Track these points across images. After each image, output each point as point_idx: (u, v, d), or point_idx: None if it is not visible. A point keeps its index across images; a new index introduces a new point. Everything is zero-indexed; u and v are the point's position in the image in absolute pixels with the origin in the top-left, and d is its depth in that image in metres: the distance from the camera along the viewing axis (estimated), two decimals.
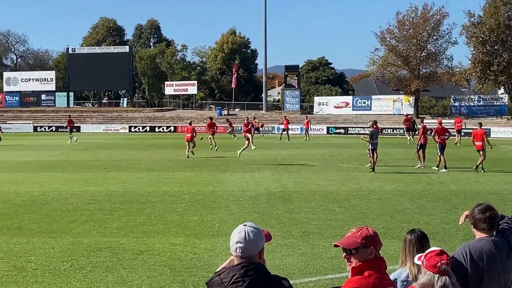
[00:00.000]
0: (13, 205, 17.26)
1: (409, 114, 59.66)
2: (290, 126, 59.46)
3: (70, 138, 51.75)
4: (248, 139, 33.97)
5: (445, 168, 26.75)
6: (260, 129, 55.77)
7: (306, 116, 65.33)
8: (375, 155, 26.42)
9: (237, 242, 3.96)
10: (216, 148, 40.01)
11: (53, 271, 10.21)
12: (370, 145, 26.46)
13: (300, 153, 37.97)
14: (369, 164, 27.09)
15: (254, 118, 57.82)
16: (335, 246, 4.31)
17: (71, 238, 12.77)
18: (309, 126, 57.90)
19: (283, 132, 56.22)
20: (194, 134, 35.06)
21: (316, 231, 13.62)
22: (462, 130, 49.01)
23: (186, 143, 34.89)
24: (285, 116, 62.46)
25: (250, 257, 3.95)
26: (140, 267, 10.50)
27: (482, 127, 28.62)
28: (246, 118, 43.65)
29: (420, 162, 28.28)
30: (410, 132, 51.83)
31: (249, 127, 36.43)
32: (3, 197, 18.92)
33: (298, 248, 11.95)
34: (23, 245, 12.09)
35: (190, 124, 36.39)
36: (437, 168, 27.15)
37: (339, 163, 30.64)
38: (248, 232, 3.96)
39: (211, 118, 47.32)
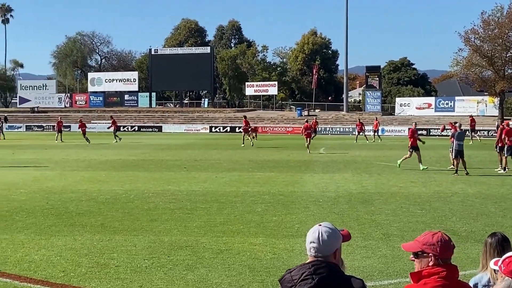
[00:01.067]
0: (97, 203, 17.64)
1: (472, 115, 58.23)
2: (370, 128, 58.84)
3: (116, 137, 52.68)
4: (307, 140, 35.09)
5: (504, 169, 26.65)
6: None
7: (376, 117, 64.46)
8: (459, 158, 25.90)
9: (311, 242, 3.95)
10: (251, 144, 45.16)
11: (134, 268, 10.37)
12: (454, 146, 26.05)
13: (380, 154, 37.53)
14: (452, 166, 26.62)
15: (314, 119, 56.88)
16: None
17: (152, 236, 12.95)
18: (378, 128, 57.38)
19: (359, 134, 55.30)
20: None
21: (396, 233, 13.43)
22: None
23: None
24: (359, 119, 61.62)
25: (324, 257, 3.92)
26: (219, 266, 10.55)
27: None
28: (306, 120, 44.17)
29: (501, 166, 27.55)
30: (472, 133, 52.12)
31: (309, 129, 37.49)
32: (87, 195, 19.36)
33: (378, 250, 11.81)
34: (106, 242, 12.34)
35: (244, 117, 38.49)
36: (501, 170, 26.74)
37: (424, 164, 30.08)
38: (322, 233, 3.94)
39: (245, 117, 50.77)
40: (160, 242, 12.34)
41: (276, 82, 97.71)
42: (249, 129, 48.56)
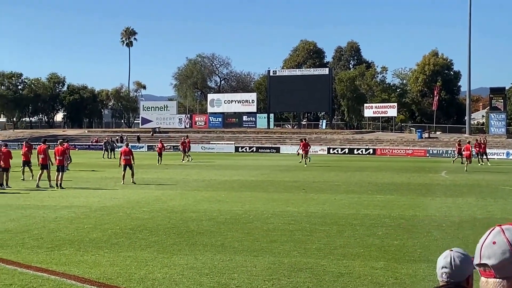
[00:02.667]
0: (217, 223, 17.79)
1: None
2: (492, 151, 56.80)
3: (187, 157, 53.47)
4: None
5: None
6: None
7: (477, 139, 61.30)
8: None
9: (442, 267, 3.82)
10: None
11: None
12: None
13: (506, 178, 36.22)
14: None
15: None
16: None
17: (272, 258, 12.90)
18: (485, 150, 54.74)
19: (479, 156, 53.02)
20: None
21: None
22: None
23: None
24: (477, 140, 58.85)
25: (457, 285, 3.78)
26: None
27: None
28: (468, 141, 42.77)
29: None
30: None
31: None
32: (207, 214, 19.58)
33: None
34: (226, 262, 12.38)
35: (126, 145, 34.49)
36: None
37: None
38: (454, 258, 3.80)
39: (305, 139, 52.97)
40: (280, 264, 12.27)
41: (395, 104, 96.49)
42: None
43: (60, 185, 28.49)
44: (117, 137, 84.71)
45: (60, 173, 28.97)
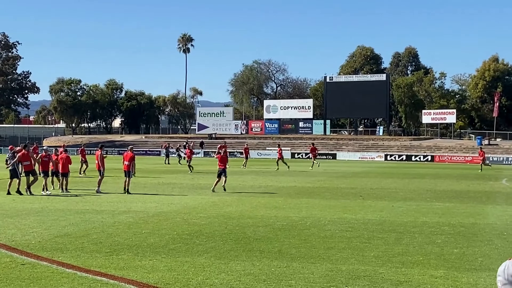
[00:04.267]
0: (273, 229, 17.75)
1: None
2: None
3: (314, 164, 53.58)
4: None
5: None
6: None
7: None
8: None
9: (498, 276, 3.83)
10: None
11: None
12: None
13: None
14: None
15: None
16: None
17: (329, 265, 12.80)
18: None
19: None
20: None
21: None
22: None
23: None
24: None
25: None
26: None
27: None
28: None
29: None
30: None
31: None
32: (264, 221, 19.56)
33: None
34: (283, 269, 12.32)
35: (224, 152, 33.71)
36: None
37: None
38: (509, 266, 3.82)
39: (313, 144, 56.00)
40: (338, 271, 12.16)
41: (454, 110, 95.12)
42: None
43: (127, 190, 28.90)
44: (184, 143, 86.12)
45: (128, 178, 29.35)
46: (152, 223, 18.80)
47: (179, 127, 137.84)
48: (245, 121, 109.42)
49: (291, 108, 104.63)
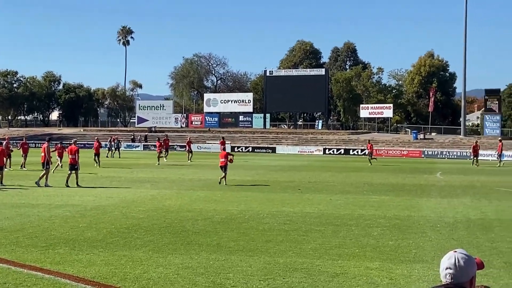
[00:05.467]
0: (212, 223, 17.80)
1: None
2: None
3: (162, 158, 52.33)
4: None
5: None
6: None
7: (500, 139, 61.59)
8: None
9: (447, 268, 3.86)
10: None
11: None
12: None
13: (500, 179, 36.30)
14: None
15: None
16: None
17: (267, 257, 12.92)
18: (501, 151, 55.81)
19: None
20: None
21: None
22: None
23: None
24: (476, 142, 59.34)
25: (460, 284, 3.80)
26: None
27: None
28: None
29: None
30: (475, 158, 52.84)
31: None
32: (203, 214, 19.59)
33: (500, 279, 11.34)
34: (221, 262, 12.39)
35: (224, 149, 33.99)
36: None
37: None
38: (458, 259, 3.86)
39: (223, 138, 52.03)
40: (276, 263, 12.29)
41: (391, 105, 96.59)
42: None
43: (77, 183, 28.84)
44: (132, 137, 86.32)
45: (74, 172, 29.09)
46: (90, 217, 18.64)
47: (118, 120, 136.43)
48: (185, 115, 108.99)
49: (231, 101, 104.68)
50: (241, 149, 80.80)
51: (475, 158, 52.80)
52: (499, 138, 63.46)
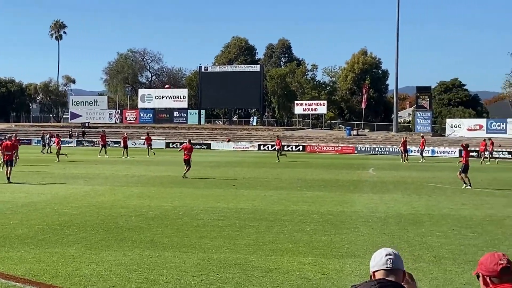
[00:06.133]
0: (146, 219, 17.70)
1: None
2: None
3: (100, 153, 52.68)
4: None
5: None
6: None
7: (422, 136, 63.16)
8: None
9: (387, 255, 4.02)
10: None
11: (184, 285, 10.34)
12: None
13: (430, 175, 37.06)
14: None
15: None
16: None
17: (201, 253, 12.93)
18: (424, 147, 57.97)
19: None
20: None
21: (448, 256, 13.17)
22: None
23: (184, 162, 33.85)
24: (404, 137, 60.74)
25: (398, 273, 3.92)
26: (268, 285, 10.46)
27: None
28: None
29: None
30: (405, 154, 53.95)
31: None
32: (137, 210, 19.47)
33: (429, 273, 11.59)
34: (155, 258, 12.34)
35: (189, 142, 35.77)
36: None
37: (473, 187, 29.61)
38: (393, 250, 4.07)
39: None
40: (209, 260, 12.31)
41: (325, 101, 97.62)
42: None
43: (8, 179, 28.29)
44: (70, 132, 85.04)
45: (10, 167, 28.70)
46: (21, 214, 18.31)
47: (51, 115, 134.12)
48: (119, 110, 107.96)
49: (166, 97, 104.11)
50: (176, 145, 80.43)
51: (404, 154, 53.78)
52: (422, 135, 65.30)
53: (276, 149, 57.26)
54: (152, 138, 58.54)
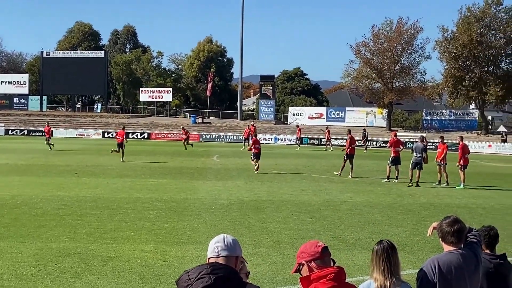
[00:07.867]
0: None
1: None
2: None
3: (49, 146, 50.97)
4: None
5: (396, 179, 27.78)
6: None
7: (248, 125, 63.80)
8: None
9: (216, 243, 4.09)
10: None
11: (20, 276, 10.10)
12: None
13: (273, 162, 37.95)
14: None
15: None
16: None
17: (39, 243, 12.64)
18: (300, 135, 61.31)
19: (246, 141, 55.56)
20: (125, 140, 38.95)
21: (286, 241, 13.62)
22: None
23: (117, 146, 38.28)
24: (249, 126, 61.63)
25: (229, 260, 4.00)
26: (109, 274, 10.42)
27: (464, 142, 28.74)
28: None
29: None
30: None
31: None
32: None
33: (268, 257, 11.93)
34: None
35: (123, 128, 40.78)
36: (387, 180, 27.79)
37: (312, 173, 30.67)
38: (226, 237, 4.15)
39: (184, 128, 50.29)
40: (48, 249, 12.06)
41: (171, 89, 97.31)
42: None
43: None
44: None
45: None
46: None
47: None
48: None
49: (6, 83, 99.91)
50: (16, 132, 77.68)
51: (246, 141, 54.56)
52: (297, 124, 67.88)
53: (182, 137, 57.02)
54: None
